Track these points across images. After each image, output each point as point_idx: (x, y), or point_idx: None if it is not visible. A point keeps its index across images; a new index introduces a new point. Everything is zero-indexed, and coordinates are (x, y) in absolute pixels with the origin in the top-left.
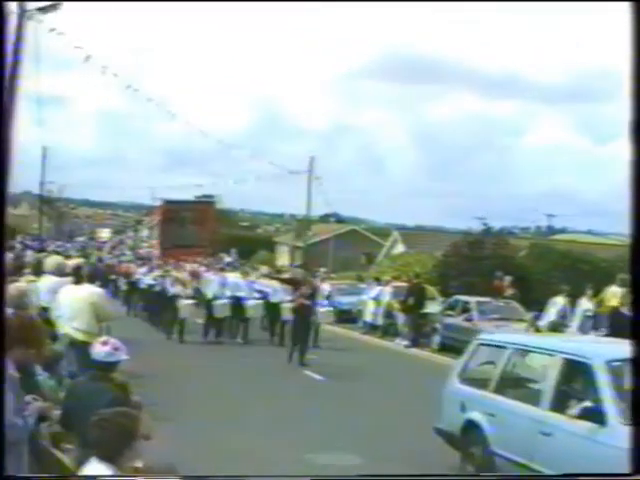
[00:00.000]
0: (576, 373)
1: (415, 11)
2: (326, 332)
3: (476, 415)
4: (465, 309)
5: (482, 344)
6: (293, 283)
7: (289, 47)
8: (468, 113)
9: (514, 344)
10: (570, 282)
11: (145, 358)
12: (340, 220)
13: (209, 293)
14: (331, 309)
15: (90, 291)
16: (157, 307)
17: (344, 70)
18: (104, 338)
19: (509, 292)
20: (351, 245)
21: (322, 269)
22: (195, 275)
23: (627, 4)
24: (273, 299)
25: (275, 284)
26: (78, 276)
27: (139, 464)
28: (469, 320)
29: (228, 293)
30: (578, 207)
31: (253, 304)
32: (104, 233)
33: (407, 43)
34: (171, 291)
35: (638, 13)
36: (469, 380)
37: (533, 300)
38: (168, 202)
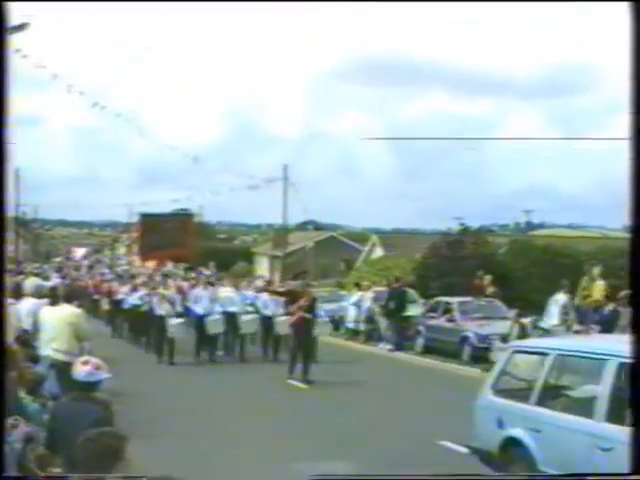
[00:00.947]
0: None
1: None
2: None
3: (518, 432)
4: (447, 310)
5: (517, 351)
6: (291, 295)
7: (258, 55)
8: (442, 113)
9: (557, 349)
10: (551, 277)
11: (132, 378)
12: (318, 227)
13: (199, 309)
14: (327, 320)
15: (68, 311)
16: (144, 327)
17: (314, 76)
18: (85, 358)
19: (490, 291)
20: (330, 252)
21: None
22: (182, 291)
23: (627, 4)
24: (265, 312)
25: (266, 297)
26: (55, 297)
27: None
28: (451, 321)
29: (219, 308)
30: (556, 202)
31: (247, 319)
32: (79, 252)
33: (377, 45)
34: (158, 310)
35: (638, 13)
36: (505, 392)
37: (515, 297)
38: (146, 216)
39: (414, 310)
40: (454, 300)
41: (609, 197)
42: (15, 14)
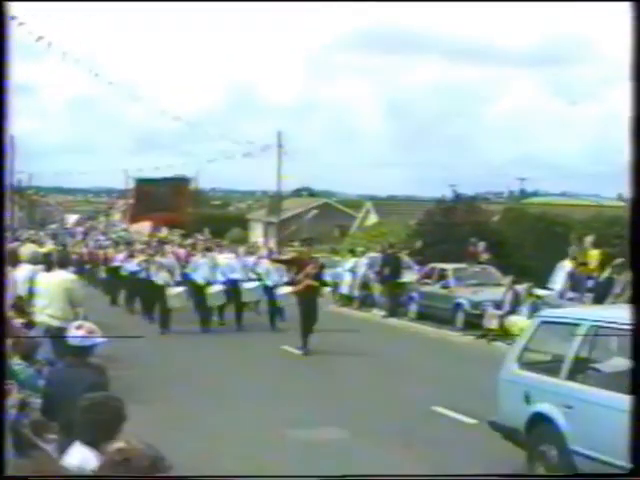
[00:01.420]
0: None
1: None
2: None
3: (546, 407)
4: (441, 276)
5: (546, 321)
6: (297, 263)
7: (255, 23)
8: (438, 81)
9: (590, 320)
10: (544, 245)
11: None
12: (312, 194)
13: (199, 277)
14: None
15: (63, 277)
16: (142, 296)
17: (310, 44)
18: (78, 322)
19: (484, 257)
20: (324, 218)
21: (295, 244)
22: (180, 258)
23: (627, 4)
24: (267, 281)
25: (268, 264)
26: (50, 263)
27: (120, 444)
28: (446, 287)
29: (220, 276)
30: (551, 170)
31: (250, 287)
32: (72, 219)
33: (374, 14)
34: (156, 279)
35: (638, 13)
36: (533, 365)
37: (509, 264)
38: (141, 180)
39: (408, 276)
40: (449, 267)
41: (604, 166)
42: None
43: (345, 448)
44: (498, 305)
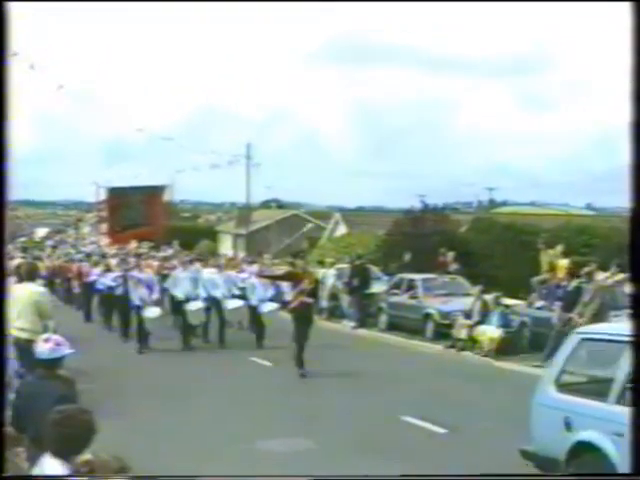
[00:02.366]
0: None
1: None
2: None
3: (592, 435)
4: (410, 287)
5: (587, 339)
6: (290, 278)
7: (224, 34)
8: (407, 92)
9: None
10: (513, 254)
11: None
12: (281, 206)
13: (179, 293)
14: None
15: (32, 290)
16: (119, 313)
17: (281, 55)
18: (46, 335)
19: (453, 267)
20: (293, 230)
21: (265, 256)
22: (159, 273)
23: (627, 4)
24: (252, 297)
25: (254, 279)
26: (19, 275)
27: (87, 456)
28: (414, 297)
29: (202, 292)
30: (521, 180)
31: (233, 304)
32: (40, 232)
33: (344, 25)
34: (134, 296)
35: (638, 13)
36: (573, 388)
37: (477, 274)
38: (114, 190)
39: (377, 287)
40: (417, 277)
41: (573, 175)
42: None
43: (315, 459)
44: (467, 315)
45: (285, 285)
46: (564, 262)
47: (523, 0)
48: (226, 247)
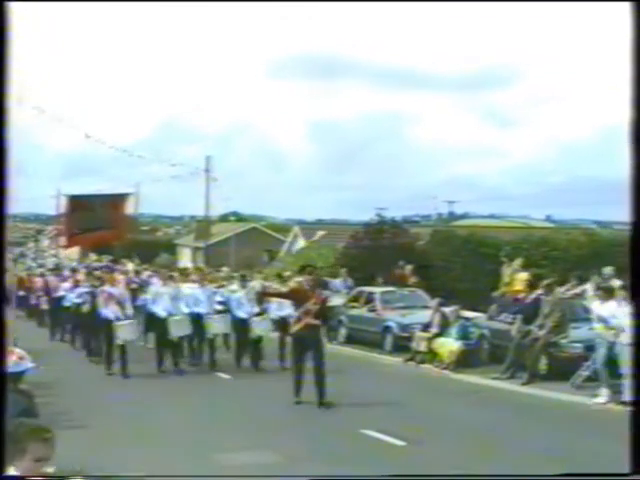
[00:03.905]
0: None
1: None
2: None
3: None
4: (369, 300)
5: None
6: (295, 296)
7: (183, 46)
8: (366, 105)
9: None
10: (472, 266)
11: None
12: (240, 219)
13: (160, 310)
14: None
15: None
16: (87, 331)
17: (239, 69)
18: (8, 349)
19: (412, 280)
20: (252, 243)
21: (224, 269)
22: (132, 288)
23: (627, 4)
24: (239, 313)
25: (240, 293)
26: None
27: (50, 469)
28: (373, 310)
29: (184, 309)
30: (479, 193)
31: (217, 320)
32: None
33: (302, 40)
34: (104, 312)
35: (638, 13)
36: None
37: (437, 287)
38: (75, 196)
39: (336, 300)
40: (376, 290)
41: (532, 187)
42: None
43: (276, 472)
44: (426, 327)
45: (276, 304)
46: (524, 275)
47: (486, 16)
48: (185, 260)
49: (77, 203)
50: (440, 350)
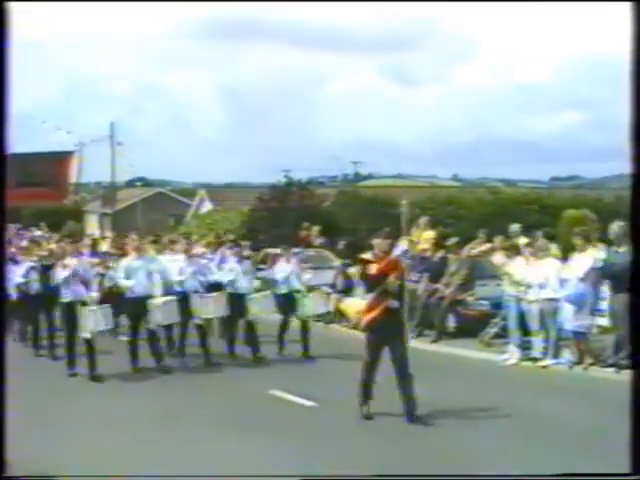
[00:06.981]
0: None
1: None
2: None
3: None
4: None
5: None
6: (370, 269)
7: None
8: (273, 67)
9: None
10: (377, 227)
11: None
12: (147, 184)
13: (135, 289)
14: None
15: None
16: (35, 318)
17: (145, 31)
18: None
19: (317, 241)
20: (159, 208)
21: (132, 235)
22: (104, 264)
23: (627, 4)
24: (237, 286)
25: (232, 263)
26: None
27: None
28: None
29: (163, 286)
30: (387, 153)
31: (209, 298)
32: None
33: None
34: (64, 293)
35: (638, 13)
36: None
37: (343, 248)
38: (15, 155)
39: None
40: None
41: (439, 147)
42: None
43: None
44: (332, 287)
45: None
46: (430, 234)
47: None
48: (92, 227)
49: (13, 158)
50: (347, 310)
